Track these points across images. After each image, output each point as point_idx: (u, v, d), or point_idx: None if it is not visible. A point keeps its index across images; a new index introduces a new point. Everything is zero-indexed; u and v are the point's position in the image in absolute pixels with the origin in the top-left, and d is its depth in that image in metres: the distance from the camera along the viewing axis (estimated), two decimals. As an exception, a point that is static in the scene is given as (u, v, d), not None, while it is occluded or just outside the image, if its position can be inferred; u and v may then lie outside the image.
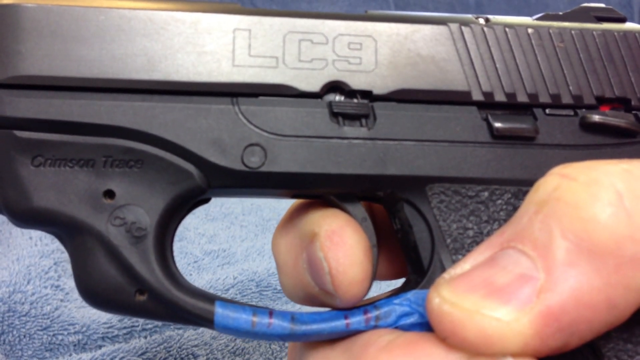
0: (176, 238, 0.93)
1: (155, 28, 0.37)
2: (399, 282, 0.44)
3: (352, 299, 0.38)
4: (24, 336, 0.65)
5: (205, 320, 0.37)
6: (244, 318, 0.37)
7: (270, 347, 0.69)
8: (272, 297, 0.79)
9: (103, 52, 0.37)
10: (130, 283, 0.38)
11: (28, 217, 0.38)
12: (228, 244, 0.90)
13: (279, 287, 0.80)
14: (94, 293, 0.38)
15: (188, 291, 0.38)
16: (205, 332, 0.71)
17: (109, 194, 0.38)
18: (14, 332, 0.65)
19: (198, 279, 0.79)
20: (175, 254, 0.95)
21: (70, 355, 0.65)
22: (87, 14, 0.37)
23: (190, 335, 0.67)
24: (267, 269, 0.81)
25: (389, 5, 1.62)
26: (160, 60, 0.37)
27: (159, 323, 0.69)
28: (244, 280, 0.78)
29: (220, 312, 0.37)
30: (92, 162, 0.37)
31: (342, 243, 0.38)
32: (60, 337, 0.65)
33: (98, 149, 0.37)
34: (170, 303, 0.38)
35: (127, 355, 0.63)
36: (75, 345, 0.66)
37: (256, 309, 0.37)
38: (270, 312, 0.37)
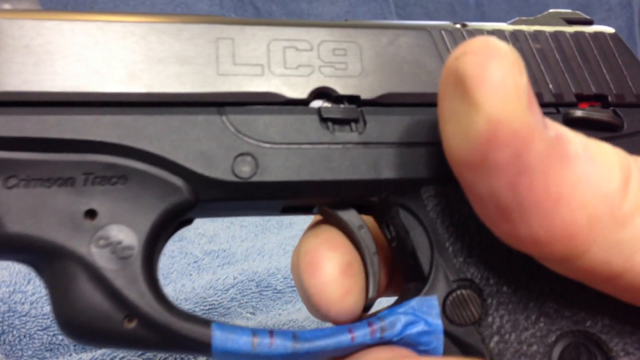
0: (176, 238, 0.92)
1: (135, 39, 0.36)
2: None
3: (338, 317, 0.38)
4: (24, 336, 0.65)
5: (201, 345, 0.35)
6: (244, 340, 0.35)
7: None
8: (272, 297, 0.79)
9: (80, 65, 0.35)
10: (118, 309, 0.35)
11: (0, 244, 0.35)
12: (228, 244, 0.90)
13: (279, 287, 0.80)
14: (78, 324, 0.35)
15: (181, 314, 0.36)
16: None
17: (91, 213, 0.35)
18: (14, 332, 0.65)
19: (198, 279, 0.78)
20: (175, 254, 0.95)
21: (70, 355, 0.65)
22: (62, 28, 0.35)
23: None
24: (267, 269, 0.81)
25: (388, 5, 1.62)
26: (142, 71, 0.36)
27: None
28: (244, 280, 0.78)
29: (218, 334, 0.35)
30: (72, 180, 0.35)
31: (313, 264, 0.38)
32: (60, 337, 0.65)
33: (78, 166, 0.35)
34: (164, 328, 0.35)
35: (127, 355, 0.63)
36: (75, 345, 0.66)
37: (255, 330, 0.35)
38: (271, 332, 0.35)
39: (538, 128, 0.30)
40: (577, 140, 0.32)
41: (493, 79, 0.30)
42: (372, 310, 0.43)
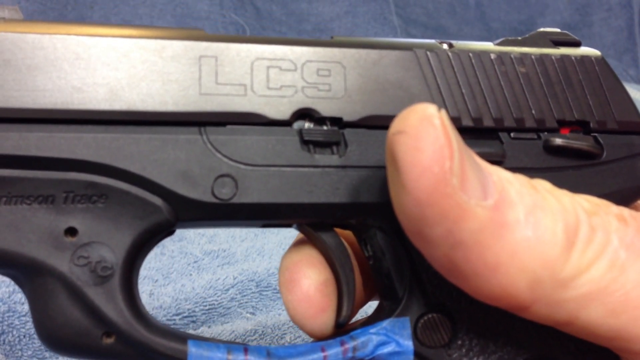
0: (176, 238, 0.92)
1: (117, 56, 0.35)
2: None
3: (312, 332, 0.40)
4: (24, 336, 0.65)
5: None
6: (218, 356, 0.36)
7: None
8: (272, 297, 0.79)
9: (61, 82, 0.35)
10: (97, 326, 0.35)
11: None
12: (228, 244, 0.90)
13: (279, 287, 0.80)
14: (57, 338, 0.36)
15: (159, 331, 0.36)
16: (205, 332, 0.71)
17: (71, 231, 0.35)
18: (14, 332, 0.65)
19: (198, 279, 0.79)
20: (175, 254, 0.94)
21: (70, 355, 0.65)
22: (43, 42, 0.35)
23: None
24: (267, 269, 0.81)
25: (388, 5, 1.63)
26: (124, 89, 0.35)
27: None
28: (244, 280, 0.79)
29: (193, 351, 0.36)
30: (52, 198, 0.35)
31: (291, 281, 0.40)
32: (60, 337, 0.66)
33: (58, 184, 0.35)
34: (141, 345, 0.36)
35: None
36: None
37: (230, 346, 0.36)
38: (245, 349, 0.36)
39: (471, 205, 0.30)
40: (520, 205, 0.31)
41: (420, 165, 0.29)
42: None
